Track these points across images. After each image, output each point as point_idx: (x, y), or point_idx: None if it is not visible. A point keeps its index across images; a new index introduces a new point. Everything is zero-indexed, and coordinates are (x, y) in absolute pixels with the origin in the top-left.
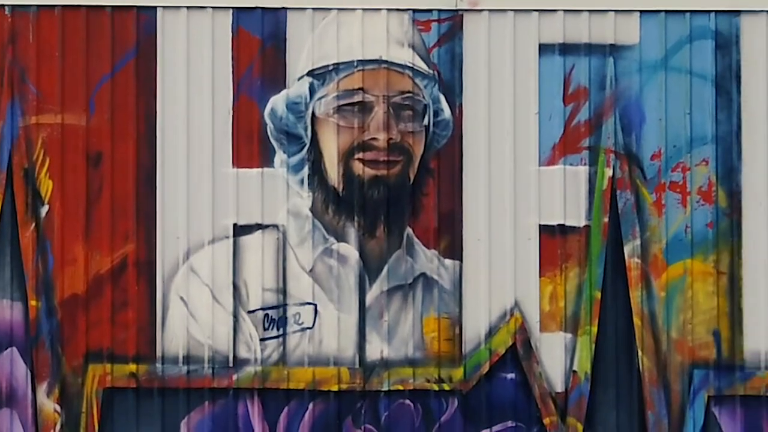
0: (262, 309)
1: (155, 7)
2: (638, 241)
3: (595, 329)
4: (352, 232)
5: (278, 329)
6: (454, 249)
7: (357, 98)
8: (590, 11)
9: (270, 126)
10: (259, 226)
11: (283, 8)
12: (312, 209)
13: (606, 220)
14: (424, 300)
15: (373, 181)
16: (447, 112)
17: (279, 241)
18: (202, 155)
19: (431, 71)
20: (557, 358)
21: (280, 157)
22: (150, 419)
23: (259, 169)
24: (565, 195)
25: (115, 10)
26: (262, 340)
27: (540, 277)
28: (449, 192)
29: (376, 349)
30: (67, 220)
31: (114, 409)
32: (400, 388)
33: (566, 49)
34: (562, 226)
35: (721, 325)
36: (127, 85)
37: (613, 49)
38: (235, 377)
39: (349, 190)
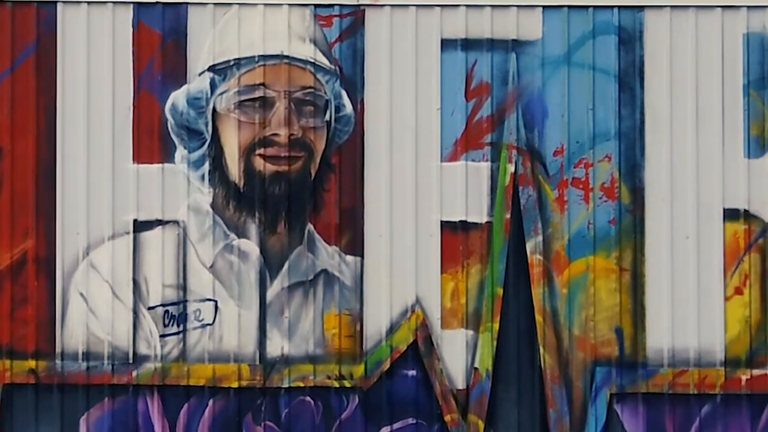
0: (163, 305)
1: (56, 2)
2: (540, 238)
3: (496, 326)
4: (253, 228)
5: (178, 325)
6: (355, 245)
7: (258, 94)
8: (493, 6)
9: (171, 121)
10: (160, 222)
11: (184, 3)
12: (213, 205)
13: (508, 216)
14: (325, 296)
15: (274, 177)
16: (349, 108)
17: (179, 237)
18: (103, 151)
19: (333, 67)
20: (458, 355)
21: (180, 152)
22: (49, 415)
23: (160, 165)
24: (467, 191)
25: (16, 5)
26: (162, 336)
27: (441, 273)
28: (351, 188)
29: (277, 345)
30: None
31: (13, 405)
32: (301, 385)
33: (468, 44)
34: (464, 222)
35: (624, 322)
36: (27, 81)
37: (516, 45)
38: (135, 374)
39: (250, 186)
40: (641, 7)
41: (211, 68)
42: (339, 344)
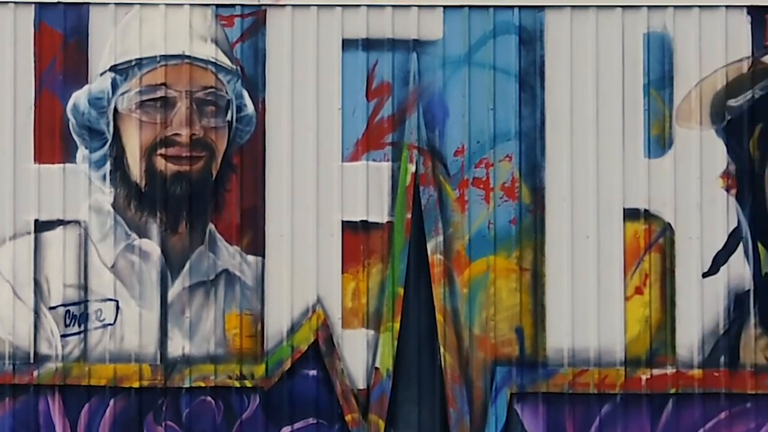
0: (64, 305)
1: None
2: (441, 238)
3: (397, 326)
4: (154, 228)
5: (80, 325)
6: (256, 245)
7: (159, 94)
8: (393, 6)
9: (72, 121)
10: (61, 222)
11: (86, 3)
12: (114, 205)
13: (409, 216)
14: (226, 296)
15: (175, 177)
16: (250, 108)
17: (81, 237)
18: (4, 151)
19: (234, 66)
20: (359, 354)
21: (82, 152)
22: None
23: (61, 165)
24: (368, 191)
25: None
26: (64, 336)
27: (342, 273)
28: (252, 188)
29: (178, 345)
30: None
31: None
32: (202, 384)
33: (370, 44)
34: (365, 222)
35: (524, 321)
36: None
37: (417, 45)
38: (35, 373)
39: (152, 186)
40: (542, 7)
41: (112, 68)
42: (240, 344)
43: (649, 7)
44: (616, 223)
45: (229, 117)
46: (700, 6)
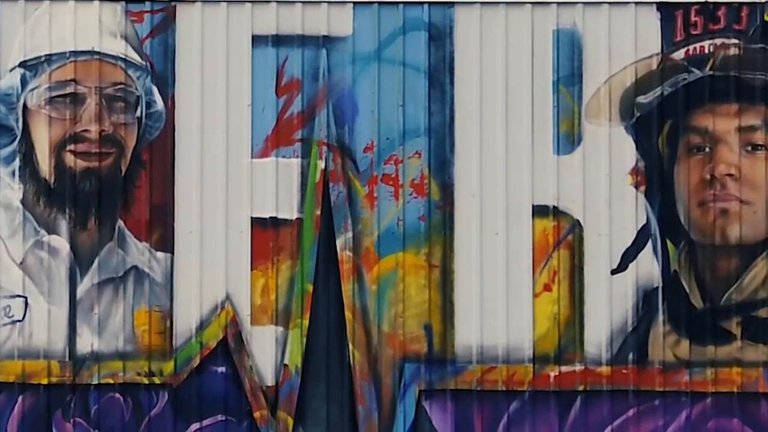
0: None
1: None
2: (350, 234)
3: (306, 322)
4: (63, 225)
5: None
6: (165, 241)
7: (69, 90)
8: (303, 2)
9: None
10: None
11: None
12: (23, 201)
13: (318, 212)
14: (135, 293)
15: (84, 173)
16: (160, 104)
17: None
18: None
19: (144, 63)
20: (268, 351)
21: None
22: None
23: None
24: (277, 187)
25: None
26: None
27: (252, 270)
28: (161, 184)
29: (87, 342)
30: None
31: None
32: (111, 381)
33: (279, 40)
34: (274, 218)
35: (433, 318)
36: None
37: (327, 41)
38: None
39: (61, 182)
40: (451, 3)
41: (22, 64)
42: (149, 341)
43: (558, 3)
44: (524, 220)
45: (138, 113)
46: (609, 2)
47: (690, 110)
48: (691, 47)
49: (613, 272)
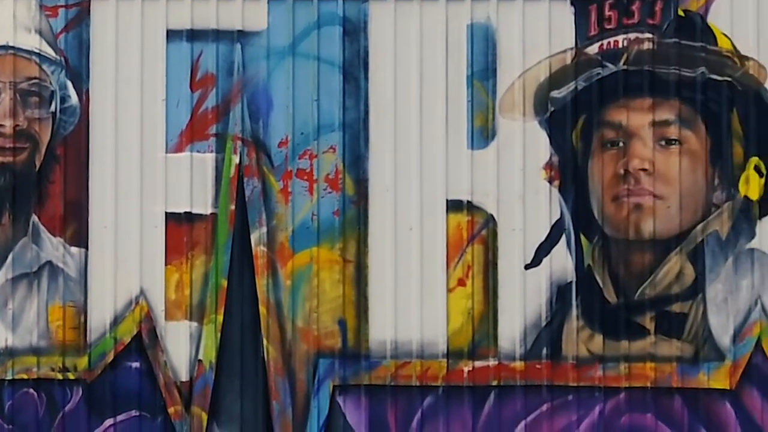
0: None
1: None
2: (265, 229)
3: (221, 318)
4: None
5: None
6: (80, 236)
7: None
8: None
9: None
10: None
11: None
12: None
13: (233, 207)
14: (49, 288)
15: None
16: (74, 99)
17: None
18: None
19: (58, 57)
20: (182, 346)
21: None
22: None
23: None
24: (191, 182)
25: None
26: None
27: (166, 265)
28: (76, 179)
29: (1, 337)
30: None
31: None
32: (24, 377)
33: (194, 35)
34: (188, 213)
35: (347, 313)
36: None
37: (241, 35)
38: None
39: None
40: None
41: None
42: (63, 336)
43: None
44: (439, 215)
45: (53, 108)
46: None
47: (604, 105)
48: (605, 42)
49: (527, 267)
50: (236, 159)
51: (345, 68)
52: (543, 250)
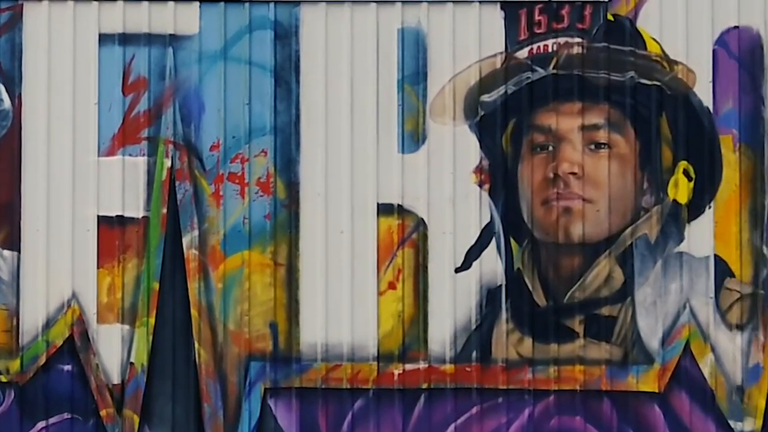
0: None
1: None
2: (196, 233)
3: (152, 321)
4: None
5: None
6: (12, 240)
7: None
8: (150, 1)
9: None
10: None
11: None
12: None
13: (165, 211)
14: None
15: None
16: (6, 103)
17: None
18: None
19: None
20: (114, 349)
21: None
22: None
23: None
24: (124, 186)
25: None
26: None
27: (98, 268)
28: (8, 182)
29: None
30: None
31: None
32: None
33: (126, 39)
34: (120, 217)
35: (278, 317)
36: None
37: (173, 39)
38: None
39: None
40: (297, 2)
41: None
42: None
43: (403, 2)
44: (369, 218)
45: None
46: (454, 1)
47: (534, 109)
48: (534, 46)
49: (457, 270)
50: (168, 162)
51: (276, 72)
52: (473, 253)
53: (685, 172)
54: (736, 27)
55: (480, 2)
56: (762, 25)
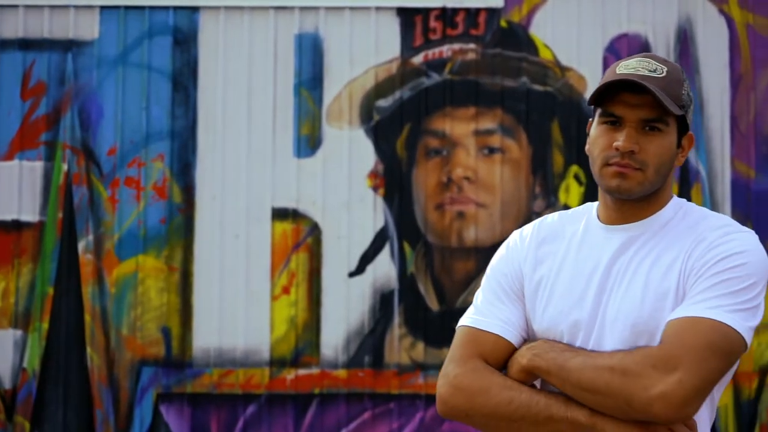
0: None
1: None
2: (92, 237)
3: (46, 326)
4: None
5: None
6: None
7: None
8: (50, 7)
9: None
10: None
11: None
12: None
13: (61, 215)
14: None
15: None
16: None
17: None
18: None
19: None
20: (7, 355)
21: None
22: None
23: None
24: (20, 190)
25: None
26: None
27: None
28: None
29: None
30: None
31: None
32: None
33: (26, 44)
34: (16, 221)
35: (172, 322)
36: None
37: (73, 45)
38: None
39: None
40: (196, 8)
41: None
42: None
43: (300, 8)
44: (264, 223)
45: None
46: (350, 7)
47: (428, 114)
48: (430, 52)
49: (351, 275)
50: (65, 167)
51: (175, 77)
52: (367, 257)
53: (576, 177)
54: (626, 34)
55: (376, 8)
56: (650, 32)
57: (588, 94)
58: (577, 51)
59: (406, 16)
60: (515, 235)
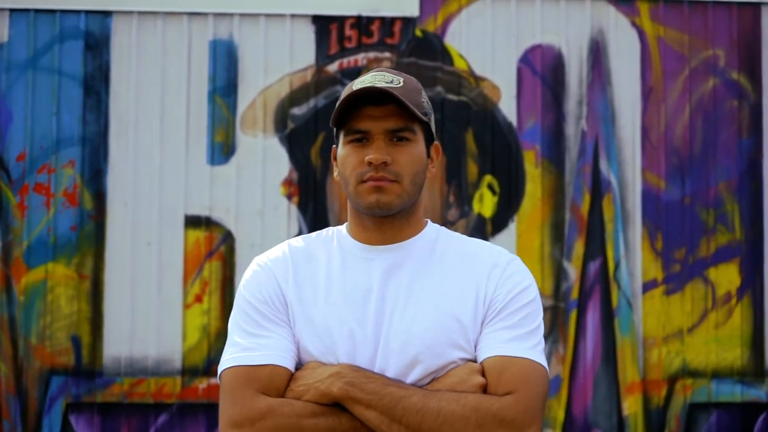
0: None
1: None
2: (0, 244)
3: None
4: None
5: None
6: None
7: None
8: None
9: None
10: None
11: None
12: None
13: None
14: None
15: None
16: None
17: None
18: None
19: None
20: None
21: None
22: None
23: None
24: None
25: None
26: None
27: None
28: None
29: None
30: None
31: None
32: None
33: None
34: None
35: (82, 330)
36: None
37: None
38: None
39: None
40: (109, 13)
41: None
42: None
43: (215, 14)
44: (177, 230)
45: None
46: (265, 14)
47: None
48: (345, 60)
49: None
50: None
51: (86, 82)
52: None
53: (490, 187)
54: (539, 45)
55: (291, 16)
56: (564, 43)
57: (502, 104)
58: (491, 61)
59: (322, 24)
60: (262, 259)
